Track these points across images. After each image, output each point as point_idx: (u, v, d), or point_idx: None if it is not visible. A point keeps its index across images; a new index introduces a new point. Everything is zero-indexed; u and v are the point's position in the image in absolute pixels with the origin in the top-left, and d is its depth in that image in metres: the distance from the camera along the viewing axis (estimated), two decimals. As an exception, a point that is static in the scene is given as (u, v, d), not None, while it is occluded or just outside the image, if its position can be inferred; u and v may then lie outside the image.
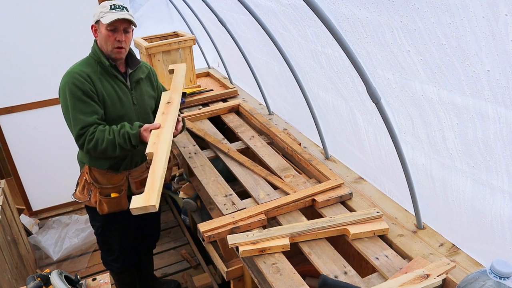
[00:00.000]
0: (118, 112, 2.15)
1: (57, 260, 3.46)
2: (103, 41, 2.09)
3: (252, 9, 2.28)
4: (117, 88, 2.16)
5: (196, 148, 2.64)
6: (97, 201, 2.24)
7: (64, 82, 2.07)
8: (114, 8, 2.07)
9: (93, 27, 2.13)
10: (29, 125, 3.61)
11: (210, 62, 4.25)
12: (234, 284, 2.18)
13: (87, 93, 2.04)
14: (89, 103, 2.05)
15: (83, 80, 2.05)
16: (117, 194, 2.26)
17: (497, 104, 1.22)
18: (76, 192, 2.31)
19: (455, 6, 1.11)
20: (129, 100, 2.20)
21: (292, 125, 2.94)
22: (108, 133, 2.03)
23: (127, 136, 2.03)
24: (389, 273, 1.61)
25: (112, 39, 2.07)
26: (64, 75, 2.11)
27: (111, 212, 2.26)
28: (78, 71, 2.08)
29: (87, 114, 2.04)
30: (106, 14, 2.04)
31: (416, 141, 1.69)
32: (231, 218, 1.91)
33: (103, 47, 2.13)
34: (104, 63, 2.12)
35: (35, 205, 3.97)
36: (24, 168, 3.74)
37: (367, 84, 1.66)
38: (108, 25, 2.03)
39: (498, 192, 1.43)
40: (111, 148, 2.03)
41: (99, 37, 2.12)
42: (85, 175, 2.24)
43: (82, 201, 2.28)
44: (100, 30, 2.09)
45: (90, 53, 2.19)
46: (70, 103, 2.04)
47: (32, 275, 1.53)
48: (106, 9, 2.05)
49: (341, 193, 2.08)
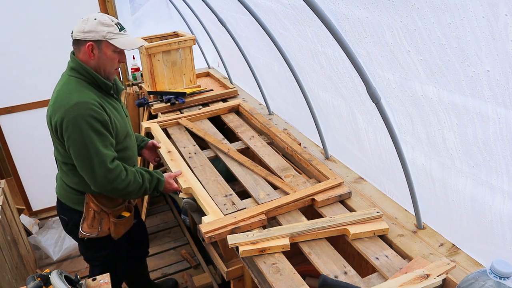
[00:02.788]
0: (124, 131, 2.08)
1: (57, 260, 3.46)
2: (106, 62, 1.93)
3: (252, 9, 2.28)
4: (116, 106, 2.07)
5: (196, 148, 2.64)
6: (112, 227, 2.12)
7: (75, 116, 1.81)
8: (121, 28, 1.93)
9: (91, 45, 1.88)
10: (29, 125, 3.62)
11: (210, 62, 4.25)
12: (234, 284, 2.18)
13: (105, 123, 1.88)
14: (107, 135, 1.90)
15: (99, 110, 1.86)
16: (128, 213, 2.19)
17: (497, 105, 1.22)
18: (84, 227, 2.10)
19: (455, 6, 1.11)
20: (123, 114, 2.14)
21: (292, 125, 2.94)
22: (137, 176, 2.00)
23: (155, 182, 2.06)
24: (389, 273, 1.61)
25: (116, 61, 1.96)
26: (68, 108, 1.82)
27: (123, 233, 2.20)
28: (90, 101, 1.84)
29: (108, 147, 1.89)
30: (118, 36, 1.90)
31: (416, 141, 1.69)
32: (233, 218, 1.91)
33: (99, 68, 1.94)
34: (104, 85, 1.96)
35: (35, 205, 3.97)
36: (24, 168, 3.75)
37: (367, 84, 1.66)
38: (119, 48, 1.91)
39: (498, 192, 1.43)
40: (136, 191, 2.00)
41: (99, 57, 1.91)
42: (92, 206, 2.06)
43: (94, 234, 2.10)
44: (104, 51, 1.90)
45: (75, 74, 1.93)
46: (90, 139, 1.83)
47: (32, 275, 1.53)
48: (114, 29, 1.89)
49: (340, 192, 2.08)
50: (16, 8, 3.26)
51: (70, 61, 1.99)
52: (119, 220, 2.15)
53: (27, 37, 3.37)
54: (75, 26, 1.92)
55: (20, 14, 3.29)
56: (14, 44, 3.35)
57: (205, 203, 2.03)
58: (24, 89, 3.50)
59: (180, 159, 2.44)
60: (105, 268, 2.25)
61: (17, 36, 3.34)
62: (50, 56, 3.46)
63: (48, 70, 3.47)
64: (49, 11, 3.37)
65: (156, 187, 2.10)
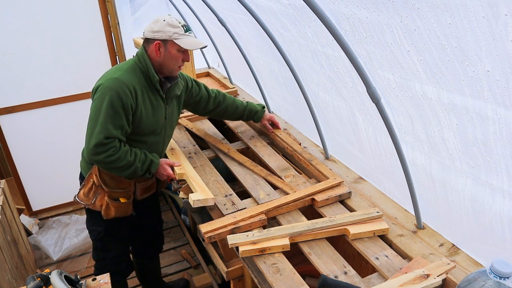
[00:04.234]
0: (151, 126, 2.14)
1: (57, 260, 3.46)
2: (170, 60, 2.06)
3: (252, 9, 2.28)
4: (155, 102, 2.14)
5: (196, 148, 2.64)
6: (104, 205, 2.18)
7: (109, 87, 1.97)
8: (187, 30, 2.06)
9: (158, 44, 2.04)
10: (29, 125, 3.61)
11: (210, 62, 4.25)
12: (234, 284, 2.18)
13: (126, 106, 1.98)
14: (122, 117, 1.99)
15: (128, 94, 1.99)
16: (126, 199, 2.22)
17: (496, 105, 1.22)
18: (80, 193, 2.22)
19: (455, 6, 1.11)
20: (163, 114, 2.20)
21: (292, 125, 2.94)
22: (130, 154, 2.03)
23: (148, 163, 2.10)
24: (389, 273, 1.61)
25: (180, 60, 2.08)
26: (110, 78, 2.00)
27: (116, 217, 2.22)
28: (127, 82, 2.00)
29: (117, 126, 1.98)
30: (183, 37, 2.02)
31: (416, 141, 1.69)
32: (232, 218, 1.91)
33: (164, 65, 2.08)
34: (152, 78, 2.07)
35: (35, 205, 3.96)
36: (24, 168, 3.74)
37: (367, 84, 1.66)
38: (184, 48, 2.02)
39: (498, 192, 1.43)
40: (125, 168, 2.03)
41: (165, 55, 2.05)
42: (93, 177, 2.16)
43: (86, 203, 2.20)
44: (169, 50, 2.04)
45: (136, 61, 2.10)
46: (105, 110, 1.95)
47: (32, 275, 1.53)
48: (180, 30, 2.02)
49: (340, 192, 2.08)
50: (16, 8, 3.26)
51: (139, 49, 2.14)
52: (112, 202, 2.18)
53: (27, 37, 3.37)
54: (146, 26, 2.09)
55: (20, 14, 3.28)
56: (14, 44, 3.35)
57: (194, 182, 2.11)
58: (24, 89, 3.50)
59: (180, 153, 2.49)
60: (98, 246, 2.40)
61: (17, 36, 3.33)
62: (50, 56, 3.46)
63: (48, 70, 3.48)
64: (49, 11, 3.36)
65: (148, 168, 2.12)
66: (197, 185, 2.13)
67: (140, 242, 2.66)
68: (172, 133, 2.41)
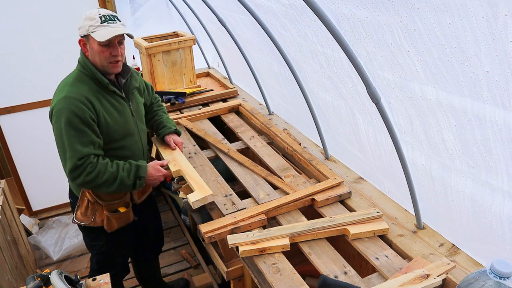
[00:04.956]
0: (122, 129, 2.06)
1: (57, 260, 3.46)
2: (97, 57, 1.92)
3: (252, 9, 2.28)
4: (116, 103, 2.04)
5: (196, 148, 2.64)
6: (105, 219, 2.13)
7: (60, 109, 1.87)
8: (105, 20, 1.88)
9: (81, 41, 1.93)
10: (29, 125, 3.61)
11: (210, 62, 4.25)
12: (234, 284, 2.18)
13: (86, 121, 1.88)
14: (87, 132, 1.90)
15: (83, 107, 1.87)
16: (125, 208, 2.17)
17: (495, 106, 1.22)
18: (78, 214, 2.13)
19: (455, 6, 1.11)
20: (129, 113, 2.11)
21: (292, 125, 2.94)
22: (110, 166, 1.95)
23: (135, 169, 1.99)
24: (389, 273, 1.61)
25: (107, 54, 1.91)
26: (58, 99, 1.89)
27: (119, 227, 2.18)
28: (76, 96, 1.88)
29: (84, 144, 1.89)
30: (98, 29, 1.86)
31: (415, 142, 1.69)
32: (232, 218, 1.91)
33: (96, 62, 1.95)
34: (101, 81, 1.95)
35: (35, 205, 3.97)
36: (24, 168, 3.74)
37: (367, 84, 1.66)
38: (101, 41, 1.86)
39: (497, 192, 1.43)
40: (111, 181, 1.95)
41: (90, 52, 1.93)
42: (87, 195, 2.09)
43: (86, 223, 2.13)
44: (91, 45, 1.90)
45: (79, 68, 1.98)
46: (66, 132, 1.87)
47: (32, 275, 1.53)
48: (96, 21, 1.87)
49: (340, 192, 2.08)
50: (16, 8, 3.26)
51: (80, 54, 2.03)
52: (113, 215, 2.13)
53: (27, 37, 3.37)
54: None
55: (20, 14, 3.29)
56: (14, 44, 3.35)
57: (191, 180, 2.10)
58: (24, 89, 3.50)
59: (178, 151, 2.44)
60: (101, 259, 2.32)
61: (17, 36, 3.34)
62: (50, 56, 3.47)
63: (48, 70, 3.48)
64: (49, 11, 3.37)
65: (137, 174, 2.01)
66: (194, 182, 2.10)
67: (141, 245, 2.62)
68: (145, 126, 2.30)
